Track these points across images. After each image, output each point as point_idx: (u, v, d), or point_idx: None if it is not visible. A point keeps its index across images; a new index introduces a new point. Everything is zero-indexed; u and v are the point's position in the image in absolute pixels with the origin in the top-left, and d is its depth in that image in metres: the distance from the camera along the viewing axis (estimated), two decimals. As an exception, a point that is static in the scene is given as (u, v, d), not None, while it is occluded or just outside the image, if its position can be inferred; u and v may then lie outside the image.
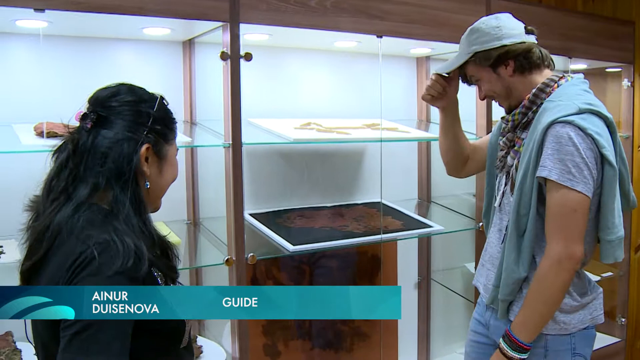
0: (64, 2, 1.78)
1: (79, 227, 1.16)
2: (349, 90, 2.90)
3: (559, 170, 1.65)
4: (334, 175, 2.88)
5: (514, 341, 1.73)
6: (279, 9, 2.14)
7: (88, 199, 1.21)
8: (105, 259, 1.11)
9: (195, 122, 2.42)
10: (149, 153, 1.27)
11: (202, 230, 2.43)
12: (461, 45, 1.93)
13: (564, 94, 1.77)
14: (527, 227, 1.76)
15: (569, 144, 1.65)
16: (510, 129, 1.89)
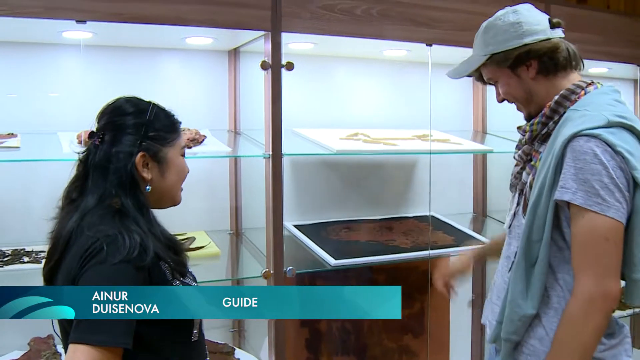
0: (105, 14, 1.80)
1: (88, 225, 1.28)
2: (400, 100, 2.83)
3: (585, 193, 1.41)
4: (384, 187, 2.82)
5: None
6: (322, 17, 2.10)
7: (97, 206, 1.32)
8: (112, 249, 1.22)
9: (239, 132, 2.41)
10: (146, 159, 1.38)
11: (244, 241, 2.41)
12: (475, 44, 1.71)
13: (591, 103, 1.52)
14: (539, 255, 1.51)
15: (594, 161, 1.41)
16: (528, 140, 1.65)
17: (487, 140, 2.90)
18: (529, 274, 1.53)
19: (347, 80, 2.72)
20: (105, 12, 1.80)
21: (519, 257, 1.54)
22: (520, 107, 1.69)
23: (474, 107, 3.02)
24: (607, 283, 1.41)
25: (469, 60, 1.73)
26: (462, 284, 2.97)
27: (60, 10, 1.76)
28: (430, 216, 2.70)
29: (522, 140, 1.70)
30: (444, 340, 2.88)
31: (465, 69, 1.73)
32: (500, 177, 3.01)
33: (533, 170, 1.60)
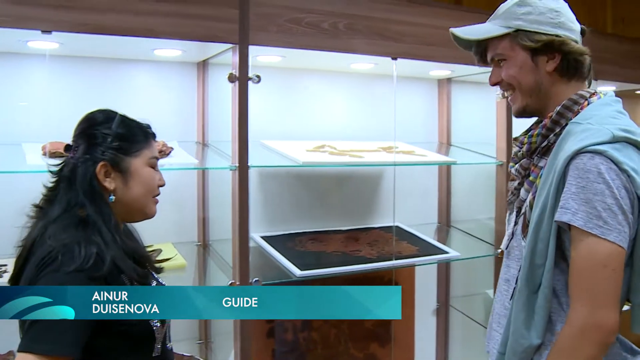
0: (71, 24, 1.79)
1: (51, 234, 1.31)
2: (367, 113, 2.86)
3: (585, 214, 1.30)
4: (350, 198, 2.84)
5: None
6: (289, 31, 2.12)
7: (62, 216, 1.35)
8: (66, 258, 1.24)
9: (207, 144, 2.41)
10: (108, 169, 1.40)
11: (211, 253, 2.41)
12: (498, 14, 1.54)
13: (594, 116, 1.42)
14: (542, 281, 1.40)
15: (598, 180, 1.31)
16: (526, 153, 1.53)
17: (452, 151, 2.96)
18: (532, 301, 1.42)
19: (314, 92, 2.74)
20: (72, 22, 1.79)
21: (521, 284, 1.44)
22: (516, 97, 1.54)
23: (439, 119, 3.06)
24: (602, 313, 1.31)
25: (485, 27, 1.55)
26: (426, 293, 3.05)
27: (26, 20, 1.74)
28: (395, 227, 2.73)
29: (518, 153, 1.58)
30: (409, 348, 2.91)
31: (480, 31, 1.54)
32: (464, 187, 3.07)
33: (533, 188, 1.49)
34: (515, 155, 1.60)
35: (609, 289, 1.32)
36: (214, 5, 1.99)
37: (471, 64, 2.54)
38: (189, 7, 1.95)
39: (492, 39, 1.51)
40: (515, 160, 1.60)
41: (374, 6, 2.28)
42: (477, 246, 2.84)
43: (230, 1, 2.01)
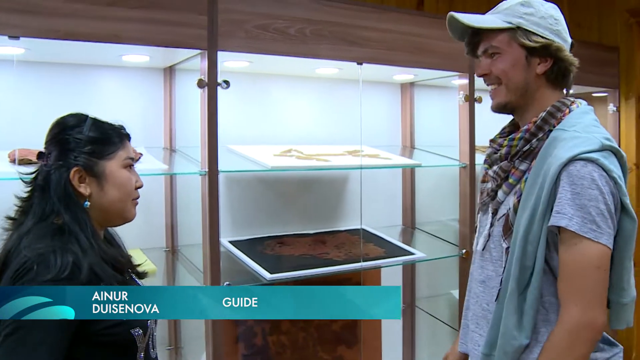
0: (38, 30, 1.78)
1: (26, 244, 1.29)
2: (332, 117, 2.90)
3: (581, 219, 1.36)
4: (317, 202, 2.87)
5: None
6: (257, 37, 2.14)
7: (37, 225, 1.34)
8: (41, 268, 1.23)
9: (174, 149, 2.41)
10: (82, 174, 1.38)
11: (180, 258, 2.41)
12: (501, 10, 1.58)
13: (578, 123, 1.49)
14: (530, 282, 1.45)
15: (592, 186, 1.37)
16: (505, 156, 1.57)
17: (415, 154, 3.01)
18: (521, 302, 1.47)
19: (280, 97, 2.76)
20: (40, 28, 1.77)
21: (511, 286, 1.47)
22: (499, 91, 1.58)
23: (402, 122, 3.12)
24: (594, 313, 1.37)
25: (487, 17, 1.59)
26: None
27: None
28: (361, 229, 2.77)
29: (493, 155, 1.61)
30: (377, 349, 2.95)
31: (483, 21, 1.57)
32: (428, 190, 3.13)
33: (512, 189, 1.54)
34: (489, 157, 1.64)
35: (599, 290, 1.39)
36: (182, 12, 1.99)
37: (434, 68, 2.64)
38: (158, 13, 1.95)
39: (490, 30, 1.55)
40: (489, 162, 1.64)
41: (339, 12, 2.32)
42: (442, 247, 2.90)
43: (198, 7, 2.02)
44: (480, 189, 1.68)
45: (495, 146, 1.61)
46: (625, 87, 3.54)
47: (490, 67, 1.57)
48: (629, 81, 3.54)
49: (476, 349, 1.59)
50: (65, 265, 1.24)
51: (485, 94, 2.56)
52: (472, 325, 1.65)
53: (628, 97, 3.54)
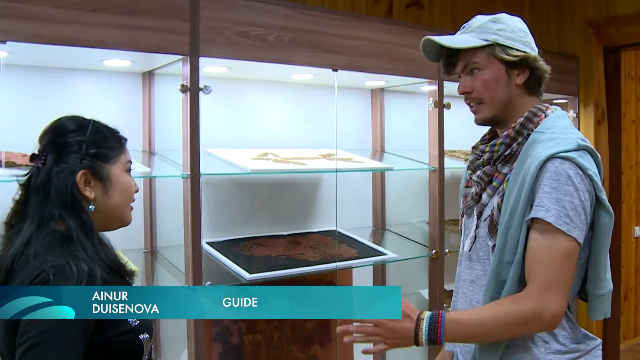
0: (26, 35, 1.80)
1: (34, 254, 1.26)
2: (306, 121, 2.97)
3: (556, 212, 1.44)
4: (290, 204, 2.94)
5: (437, 328, 1.46)
6: (238, 44, 2.20)
7: (39, 232, 1.30)
8: (58, 280, 1.21)
9: (153, 152, 2.45)
10: (88, 178, 1.36)
11: (160, 259, 2.45)
12: (473, 28, 1.63)
13: (555, 126, 1.57)
14: (510, 275, 1.51)
15: (568, 182, 1.45)
16: (487, 161, 1.64)
17: (385, 158, 3.10)
18: (498, 295, 1.53)
19: (257, 102, 2.82)
20: (27, 33, 1.80)
21: (490, 281, 1.54)
22: (483, 107, 1.64)
23: (372, 127, 3.21)
24: (556, 301, 1.44)
25: (463, 37, 1.63)
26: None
27: (-20, 31, 1.75)
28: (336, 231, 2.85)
29: (474, 161, 1.69)
30: (349, 347, 3.03)
31: (460, 41, 1.62)
32: (399, 192, 3.23)
33: (496, 191, 1.60)
34: (471, 163, 1.72)
35: (564, 279, 1.45)
36: (165, 18, 2.04)
37: (404, 75, 2.73)
38: (141, 20, 1.99)
39: (467, 49, 1.60)
40: (472, 168, 1.71)
41: (315, 20, 2.40)
42: (411, 248, 3.00)
43: (181, 14, 2.07)
44: (464, 193, 1.75)
45: (478, 152, 1.68)
46: (584, 94, 3.71)
47: (473, 83, 1.62)
48: (587, 88, 3.71)
49: (467, 345, 1.65)
50: (82, 274, 1.23)
51: (454, 100, 2.68)
52: None
53: (587, 103, 3.71)
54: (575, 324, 1.58)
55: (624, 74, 5.06)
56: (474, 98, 1.64)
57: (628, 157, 5.28)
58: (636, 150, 5.45)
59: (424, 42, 1.67)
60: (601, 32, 3.70)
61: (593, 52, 3.70)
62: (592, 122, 3.70)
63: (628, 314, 5.36)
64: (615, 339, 3.99)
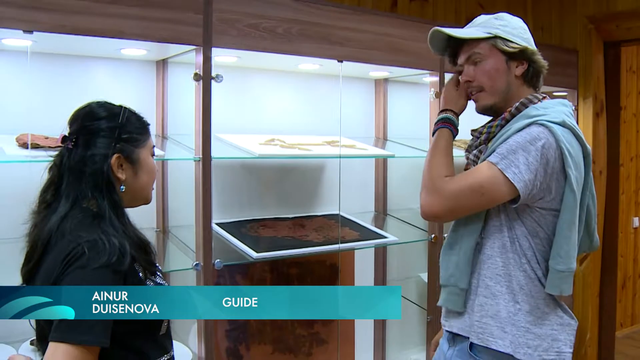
0: (52, 25, 1.92)
1: (69, 230, 1.37)
2: (311, 109, 3.09)
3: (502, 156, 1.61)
4: (295, 188, 3.06)
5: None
6: (248, 35, 2.32)
7: (73, 209, 1.41)
8: (92, 254, 1.30)
9: (166, 136, 2.58)
10: (121, 161, 1.47)
11: (171, 238, 2.58)
12: (477, 24, 1.79)
13: (548, 106, 1.71)
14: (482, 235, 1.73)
15: (533, 143, 1.59)
16: (483, 141, 1.79)
17: (388, 145, 3.22)
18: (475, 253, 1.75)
19: (265, 90, 2.94)
20: (51, 23, 1.92)
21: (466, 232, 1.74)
22: (483, 95, 1.78)
23: (375, 116, 3.32)
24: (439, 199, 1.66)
25: (467, 30, 1.79)
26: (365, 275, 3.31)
27: (9, 20, 1.86)
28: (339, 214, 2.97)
29: (474, 144, 1.83)
30: (350, 326, 3.17)
31: (465, 32, 1.77)
32: (400, 178, 3.35)
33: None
34: (469, 146, 1.86)
35: (471, 204, 1.65)
36: (180, 10, 2.16)
37: (407, 66, 2.84)
38: (157, 12, 2.11)
39: (471, 40, 1.75)
40: (469, 150, 1.86)
41: (322, 14, 2.51)
42: (412, 232, 3.13)
43: (194, 7, 2.19)
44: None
45: (476, 134, 1.83)
46: (583, 88, 3.81)
47: (475, 72, 1.77)
48: (586, 82, 3.80)
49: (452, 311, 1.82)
50: (114, 249, 1.32)
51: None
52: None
53: (585, 97, 3.81)
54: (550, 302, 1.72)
55: (625, 67, 5.17)
56: (476, 86, 1.78)
57: (628, 149, 5.38)
58: (636, 142, 5.54)
59: (432, 33, 1.82)
60: (601, 28, 3.79)
61: (593, 46, 3.79)
62: (591, 115, 3.80)
63: (626, 302, 5.49)
64: (610, 326, 4.11)
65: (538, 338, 1.69)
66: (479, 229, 1.74)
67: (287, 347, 2.98)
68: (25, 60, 2.07)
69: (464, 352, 1.77)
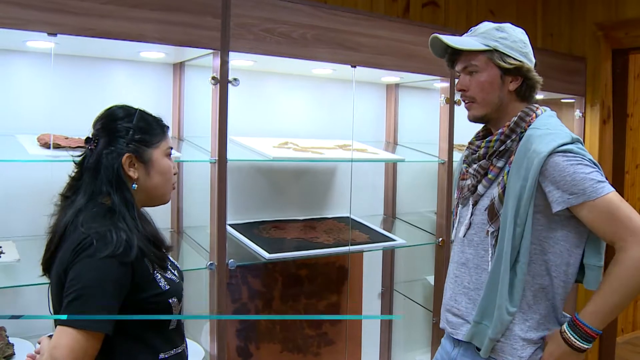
0: (75, 28, 1.97)
1: (82, 222, 1.45)
2: (324, 113, 3.14)
3: (581, 190, 1.62)
4: (307, 190, 3.11)
5: (583, 329, 1.65)
6: (264, 39, 2.37)
7: (88, 204, 1.50)
8: (100, 245, 1.39)
9: (182, 138, 2.62)
10: (132, 160, 1.55)
11: (185, 238, 2.63)
12: (478, 33, 1.81)
13: (547, 124, 1.74)
14: (520, 258, 1.70)
15: (575, 165, 1.63)
16: (483, 156, 1.81)
17: (398, 150, 3.26)
18: (512, 277, 1.70)
19: (279, 94, 2.99)
20: (75, 26, 1.96)
21: (505, 264, 1.70)
22: (475, 106, 1.82)
23: (386, 121, 3.37)
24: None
25: (467, 40, 1.81)
26: (373, 277, 3.35)
27: (34, 23, 1.91)
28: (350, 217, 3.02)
29: (470, 156, 1.87)
30: (358, 326, 3.21)
31: (464, 43, 1.79)
32: (408, 183, 3.39)
33: (501, 183, 1.75)
34: (467, 157, 1.89)
35: (634, 214, 1.63)
36: (198, 15, 2.20)
37: (418, 72, 2.88)
38: (177, 16, 2.16)
39: (469, 51, 1.78)
40: (467, 162, 1.89)
41: (337, 19, 2.55)
42: (420, 236, 3.17)
43: (213, 11, 2.24)
44: (460, 185, 1.92)
45: (474, 148, 1.86)
46: (591, 95, 3.85)
47: (470, 83, 1.81)
48: (594, 89, 3.84)
49: (455, 319, 1.85)
50: (120, 242, 1.40)
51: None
52: (451, 302, 1.88)
53: (593, 104, 3.85)
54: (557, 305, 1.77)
55: (633, 75, 5.19)
56: (468, 96, 1.82)
57: (634, 156, 5.40)
58: (642, 149, 5.57)
59: (431, 39, 1.87)
60: (610, 35, 3.82)
61: (601, 54, 3.83)
62: (598, 122, 3.83)
63: (627, 308, 5.51)
64: (612, 331, 4.14)
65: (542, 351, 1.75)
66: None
67: (295, 346, 3.02)
68: (48, 61, 2.12)
69: (472, 352, 1.82)
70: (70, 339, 1.32)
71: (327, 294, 3.11)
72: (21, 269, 2.05)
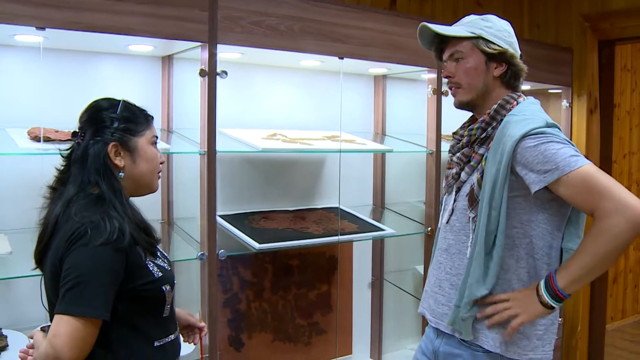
0: (63, 22, 1.99)
1: (74, 212, 1.48)
2: (312, 105, 3.16)
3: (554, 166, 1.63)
4: (297, 181, 3.13)
5: (554, 288, 1.68)
6: (252, 32, 2.39)
7: (78, 194, 1.53)
8: (94, 233, 1.43)
9: (171, 130, 2.64)
10: (118, 148, 1.58)
11: (176, 229, 2.65)
12: (464, 23, 1.87)
13: (525, 110, 1.77)
14: (495, 242, 1.72)
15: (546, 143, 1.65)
16: (465, 144, 1.86)
17: (386, 141, 3.29)
18: (487, 261, 1.73)
19: (267, 86, 3.01)
20: (63, 20, 1.98)
21: (479, 247, 1.73)
22: (461, 91, 1.87)
23: (374, 112, 3.40)
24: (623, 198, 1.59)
25: (453, 28, 1.86)
26: (363, 267, 3.38)
27: (22, 17, 1.93)
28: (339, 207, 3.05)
29: (456, 145, 1.91)
30: (349, 316, 3.25)
31: (450, 30, 1.85)
32: (397, 173, 3.42)
33: (473, 170, 1.81)
34: (452, 147, 1.94)
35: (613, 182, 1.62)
36: (186, 8, 2.22)
37: (405, 63, 2.91)
38: (165, 9, 2.17)
39: (456, 38, 1.84)
40: (453, 152, 1.94)
41: (324, 11, 2.58)
42: (409, 225, 3.20)
43: (200, 4, 2.26)
44: (446, 174, 1.96)
45: (457, 137, 1.91)
46: (578, 85, 3.89)
47: (456, 69, 1.86)
48: (581, 80, 3.88)
49: (439, 307, 1.88)
50: (114, 229, 1.44)
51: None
52: (435, 288, 1.92)
53: (580, 94, 3.88)
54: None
55: (619, 65, 5.24)
56: (454, 82, 1.88)
57: (621, 146, 5.46)
58: (629, 139, 5.63)
59: (420, 28, 1.91)
60: (596, 26, 3.86)
61: (588, 45, 3.86)
62: (585, 112, 3.87)
63: (617, 297, 5.58)
64: (601, 319, 4.19)
65: (526, 338, 1.78)
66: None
67: (287, 336, 3.06)
68: (37, 55, 2.13)
69: (455, 340, 1.85)
70: (69, 326, 1.36)
71: (318, 284, 3.14)
72: (13, 261, 2.08)
